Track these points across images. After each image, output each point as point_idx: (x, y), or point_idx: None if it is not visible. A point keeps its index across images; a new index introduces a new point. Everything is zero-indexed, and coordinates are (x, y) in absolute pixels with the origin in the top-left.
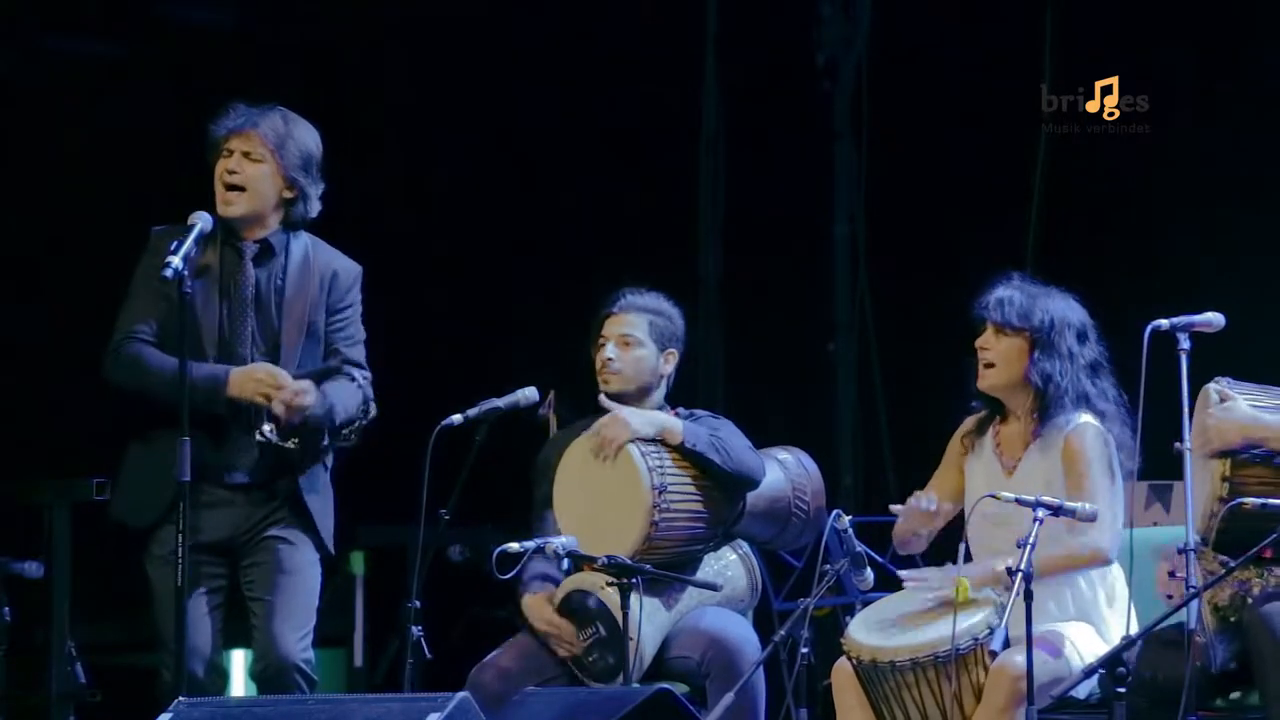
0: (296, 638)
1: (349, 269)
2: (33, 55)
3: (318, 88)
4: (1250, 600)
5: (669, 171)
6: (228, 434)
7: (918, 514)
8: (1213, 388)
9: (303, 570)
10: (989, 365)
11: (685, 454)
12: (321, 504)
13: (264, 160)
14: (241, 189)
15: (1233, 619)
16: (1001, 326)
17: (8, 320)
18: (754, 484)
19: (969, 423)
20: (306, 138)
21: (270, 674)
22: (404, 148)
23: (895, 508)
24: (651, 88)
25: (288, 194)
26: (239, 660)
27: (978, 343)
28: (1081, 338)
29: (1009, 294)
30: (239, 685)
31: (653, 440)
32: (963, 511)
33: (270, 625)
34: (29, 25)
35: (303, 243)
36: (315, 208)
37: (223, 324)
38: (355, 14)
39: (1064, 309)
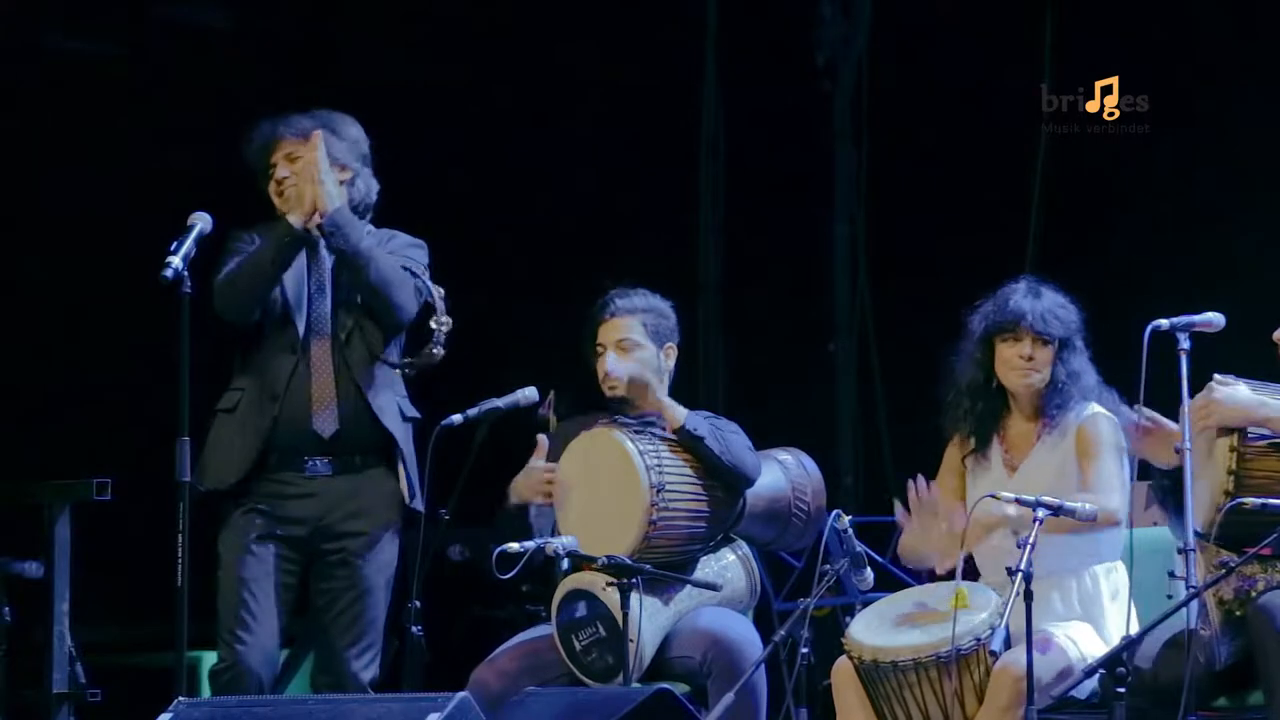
0: (364, 661)
1: (409, 238)
2: (33, 55)
3: (316, 88)
4: (1254, 595)
5: (669, 171)
6: (305, 423)
7: (929, 506)
8: (1215, 380)
9: (376, 589)
10: (1034, 370)
11: (683, 438)
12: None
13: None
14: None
15: (1238, 613)
16: (1044, 338)
17: (7, 320)
18: (749, 481)
19: (966, 427)
20: (343, 126)
21: (334, 690)
22: (401, 147)
23: (901, 516)
24: (651, 88)
25: (342, 176)
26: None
27: (1019, 351)
28: (1082, 332)
29: (1045, 306)
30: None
31: (650, 436)
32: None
33: (339, 644)
34: (29, 25)
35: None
36: (374, 187)
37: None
38: (353, 14)
39: (1075, 309)
